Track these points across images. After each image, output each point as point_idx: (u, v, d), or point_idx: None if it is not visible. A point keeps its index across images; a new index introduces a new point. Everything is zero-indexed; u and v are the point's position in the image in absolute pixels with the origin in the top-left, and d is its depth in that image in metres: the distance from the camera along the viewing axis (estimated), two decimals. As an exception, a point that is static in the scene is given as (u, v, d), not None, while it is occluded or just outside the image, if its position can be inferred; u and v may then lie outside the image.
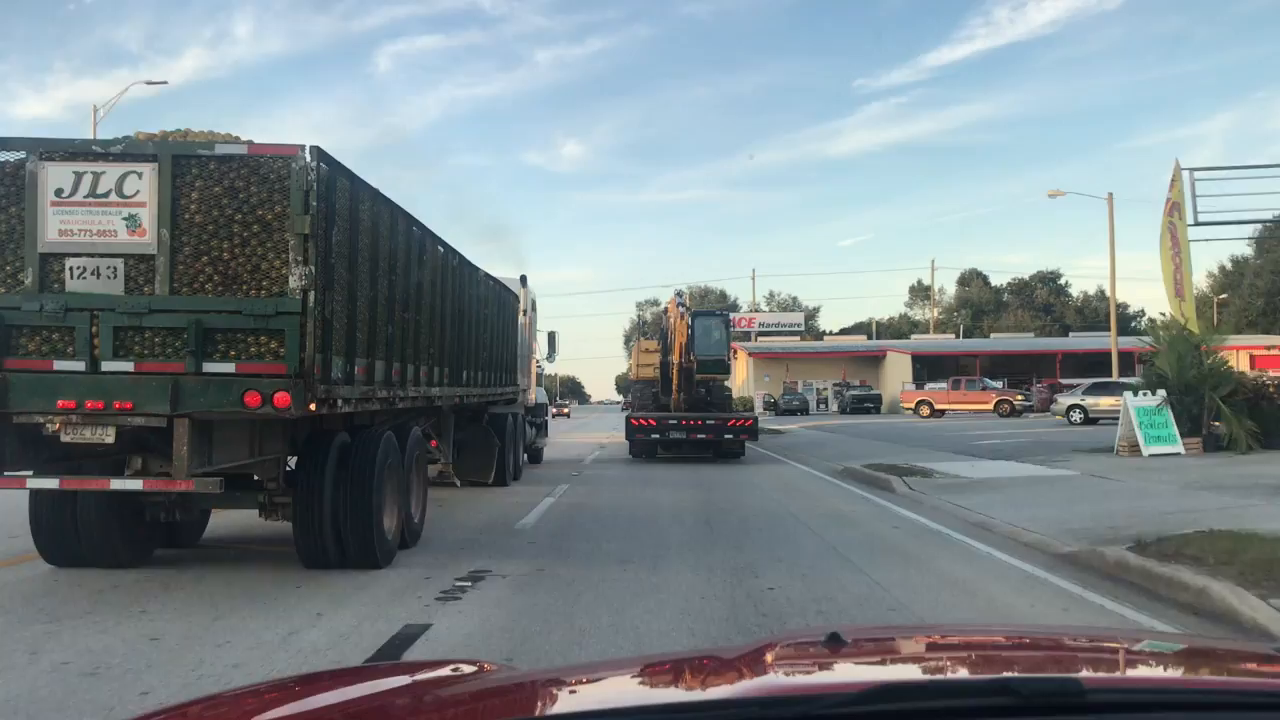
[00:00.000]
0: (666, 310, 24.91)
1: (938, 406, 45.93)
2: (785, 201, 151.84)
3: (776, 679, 1.96)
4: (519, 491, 14.41)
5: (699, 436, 20.70)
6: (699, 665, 2.16)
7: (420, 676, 2.29)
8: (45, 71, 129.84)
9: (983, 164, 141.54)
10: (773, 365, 62.77)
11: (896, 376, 58.16)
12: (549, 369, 23.32)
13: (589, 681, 2.08)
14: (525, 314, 17.22)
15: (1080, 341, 61.50)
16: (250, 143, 6.98)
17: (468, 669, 2.31)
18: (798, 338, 72.32)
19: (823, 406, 60.63)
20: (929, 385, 51.13)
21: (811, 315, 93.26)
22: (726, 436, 20.84)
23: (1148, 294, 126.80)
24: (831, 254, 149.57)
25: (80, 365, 6.71)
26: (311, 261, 6.74)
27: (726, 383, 23.96)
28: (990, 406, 44.37)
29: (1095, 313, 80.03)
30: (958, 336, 77.60)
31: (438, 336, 10.20)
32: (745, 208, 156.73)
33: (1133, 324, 66.19)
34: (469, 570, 8.10)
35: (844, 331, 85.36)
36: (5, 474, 6.97)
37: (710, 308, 51.13)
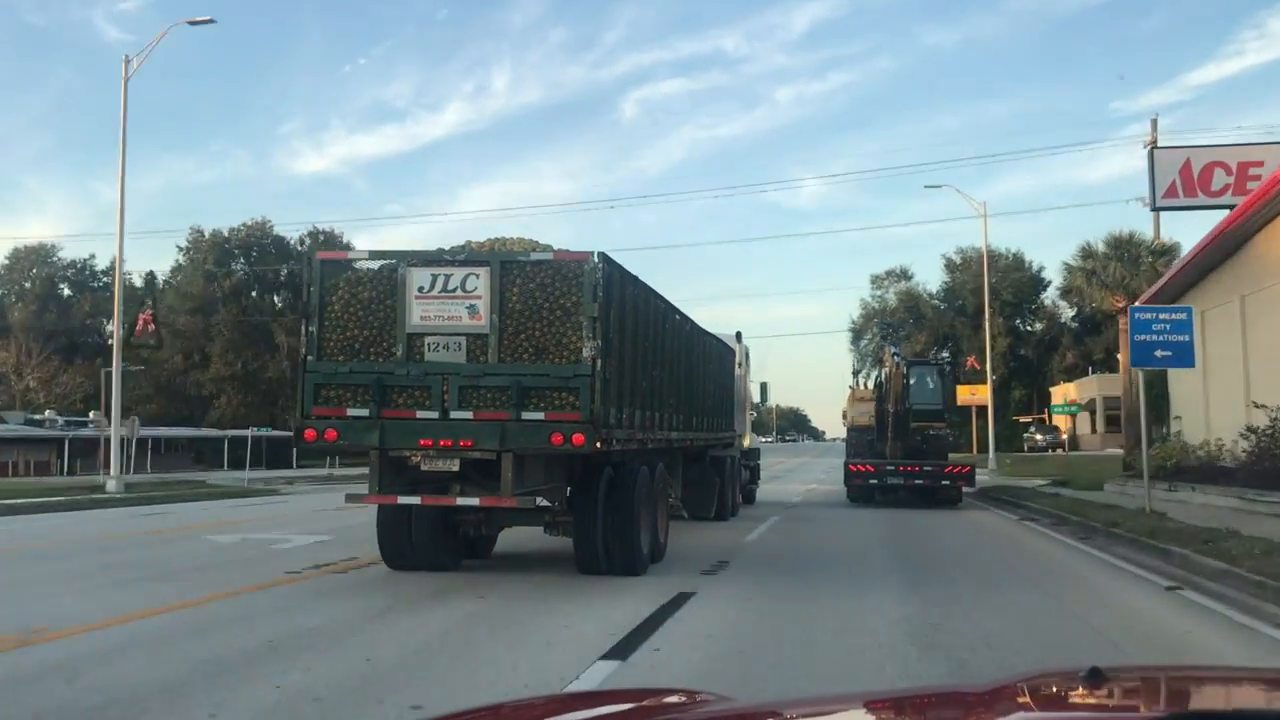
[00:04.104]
0: (882, 359, 26.64)
1: None
2: (1036, 231, 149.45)
3: (1053, 712, 1.91)
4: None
5: (916, 483, 22.06)
6: (946, 699, 2.18)
7: (644, 703, 2.39)
8: (323, 129, 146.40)
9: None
10: None
11: None
12: (766, 406, 25.62)
13: (824, 714, 2.10)
14: (740, 366, 19.77)
15: None
16: (554, 249, 9.80)
17: (681, 699, 2.43)
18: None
19: None
20: None
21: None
22: (944, 483, 22.09)
23: None
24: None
25: (435, 414, 9.60)
26: (598, 337, 9.40)
27: (944, 430, 25.30)
28: None
29: None
30: None
31: (675, 389, 12.83)
32: (992, 237, 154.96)
33: None
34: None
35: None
36: (383, 492, 9.91)
37: (926, 357, 50.60)
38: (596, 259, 9.51)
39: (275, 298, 70.48)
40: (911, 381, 23.10)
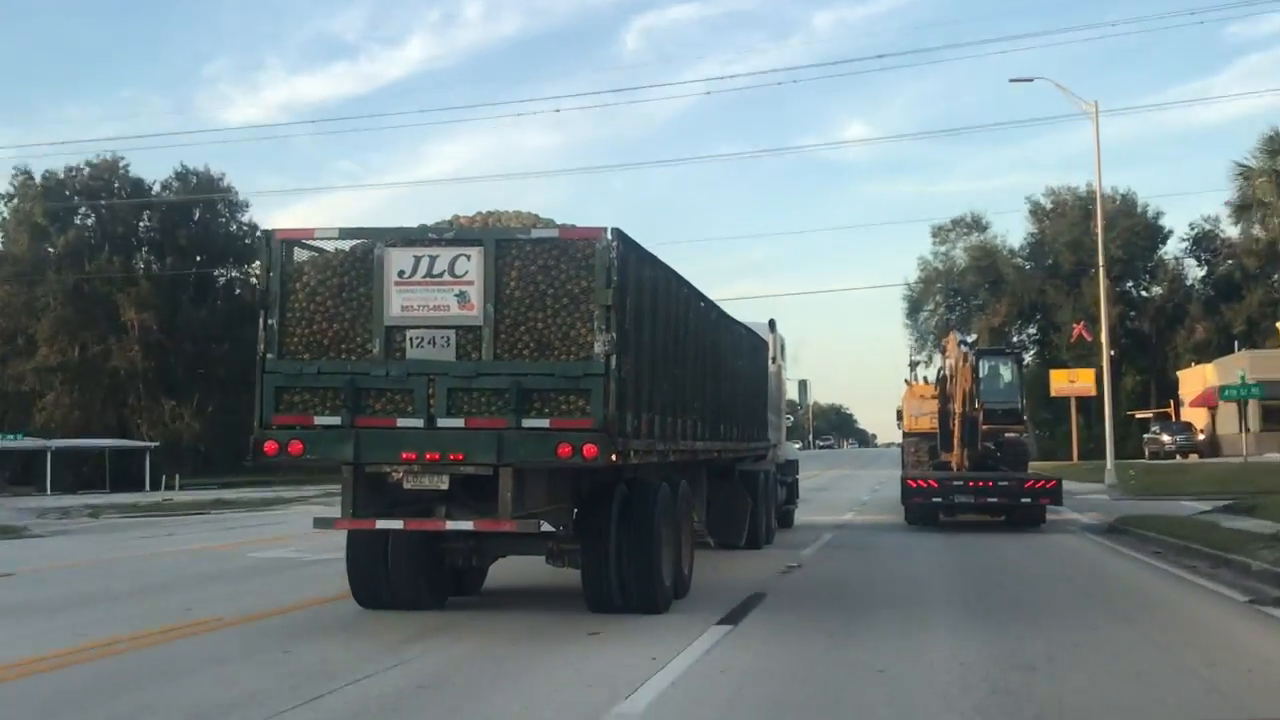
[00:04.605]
0: (945, 348, 28.36)
1: None
2: (1136, 180, 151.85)
3: None
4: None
5: (989, 500, 23.82)
6: None
7: None
8: (258, 69, 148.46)
9: None
10: None
11: None
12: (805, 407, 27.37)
13: None
14: (774, 361, 21.63)
15: None
16: (561, 226, 11.47)
17: None
18: None
19: None
20: None
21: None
22: (1023, 500, 23.77)
23: None
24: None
25: (419, 422, 11.16)
26: (612, 329, 10.96)
27: (1022, 434, 27.06)
28: None
29: None
30: None
31: (700, 390, 14.59)
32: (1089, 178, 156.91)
33: None
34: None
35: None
36: (357, 516, 11.55)
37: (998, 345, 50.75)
38: (610, 236, 11.05)
39: (135, 259, 71.15)
40: (982, 375, 24.82)
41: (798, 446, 32.96)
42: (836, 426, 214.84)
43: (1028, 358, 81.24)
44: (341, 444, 11.25)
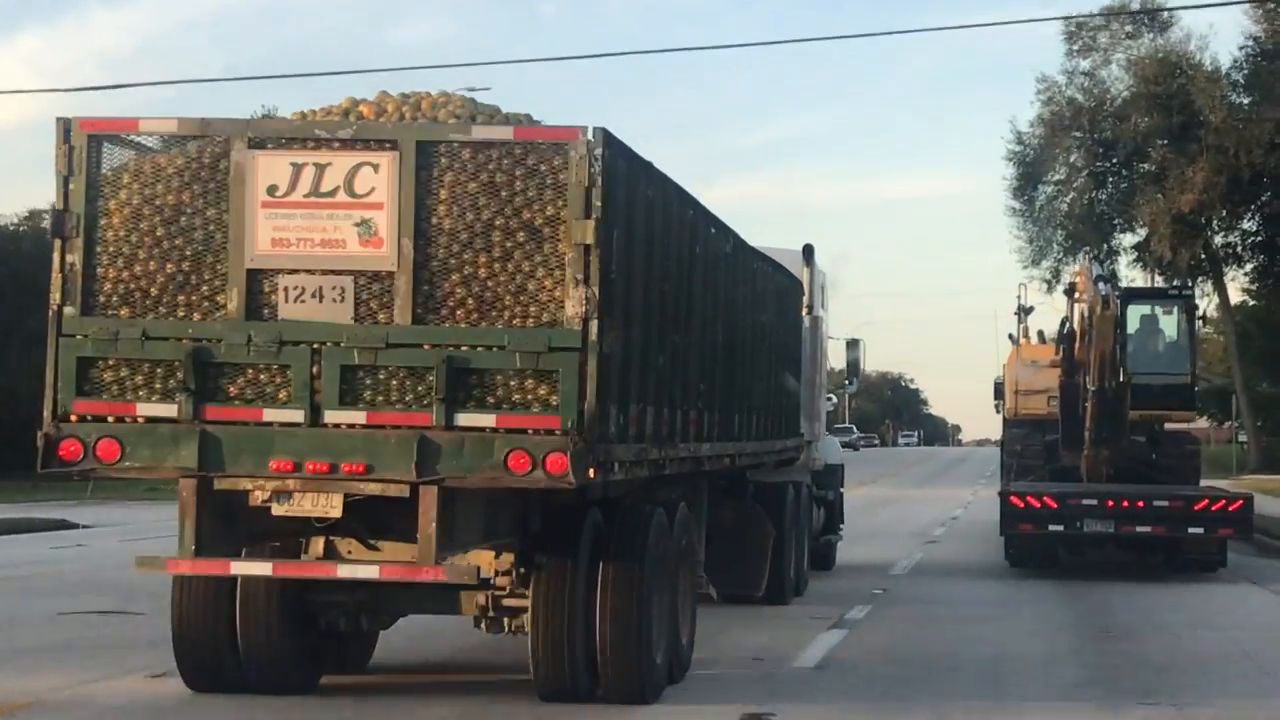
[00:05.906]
0: (1073, 285, 27.82)
1: None
2: None
3: None
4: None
5: (1138, 530, 23.39)
6: None
7: None
8: None
9: None
10: None
11: None
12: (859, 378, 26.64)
13: None
14: (810, 310, 21.44)
15: None
16: (519, 123, 11.20)
17: None
18: None
19: None
20: None
21: None
22: (1192, 530, 23.41)
23: None
24: None
25: (298, 415, 10.94)
26: (594, 281, 10.77)
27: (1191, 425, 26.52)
28: None
29: None
30: None
31: (709, 366, 14.40)
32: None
33: None
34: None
35: None
36: (202, 554, 11.27)
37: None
38: (591, 137, 10.81)
39: None
40: (1130, 330, 24.36)
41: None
42: (893, 410, 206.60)
43: (1239, 276, 77.01)
44: (179, 445, 11.06)
